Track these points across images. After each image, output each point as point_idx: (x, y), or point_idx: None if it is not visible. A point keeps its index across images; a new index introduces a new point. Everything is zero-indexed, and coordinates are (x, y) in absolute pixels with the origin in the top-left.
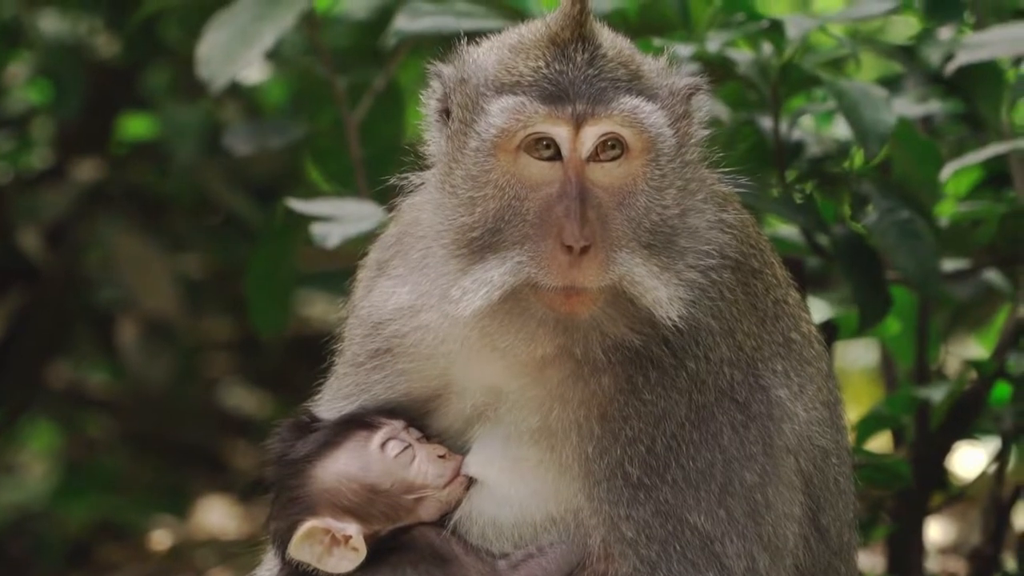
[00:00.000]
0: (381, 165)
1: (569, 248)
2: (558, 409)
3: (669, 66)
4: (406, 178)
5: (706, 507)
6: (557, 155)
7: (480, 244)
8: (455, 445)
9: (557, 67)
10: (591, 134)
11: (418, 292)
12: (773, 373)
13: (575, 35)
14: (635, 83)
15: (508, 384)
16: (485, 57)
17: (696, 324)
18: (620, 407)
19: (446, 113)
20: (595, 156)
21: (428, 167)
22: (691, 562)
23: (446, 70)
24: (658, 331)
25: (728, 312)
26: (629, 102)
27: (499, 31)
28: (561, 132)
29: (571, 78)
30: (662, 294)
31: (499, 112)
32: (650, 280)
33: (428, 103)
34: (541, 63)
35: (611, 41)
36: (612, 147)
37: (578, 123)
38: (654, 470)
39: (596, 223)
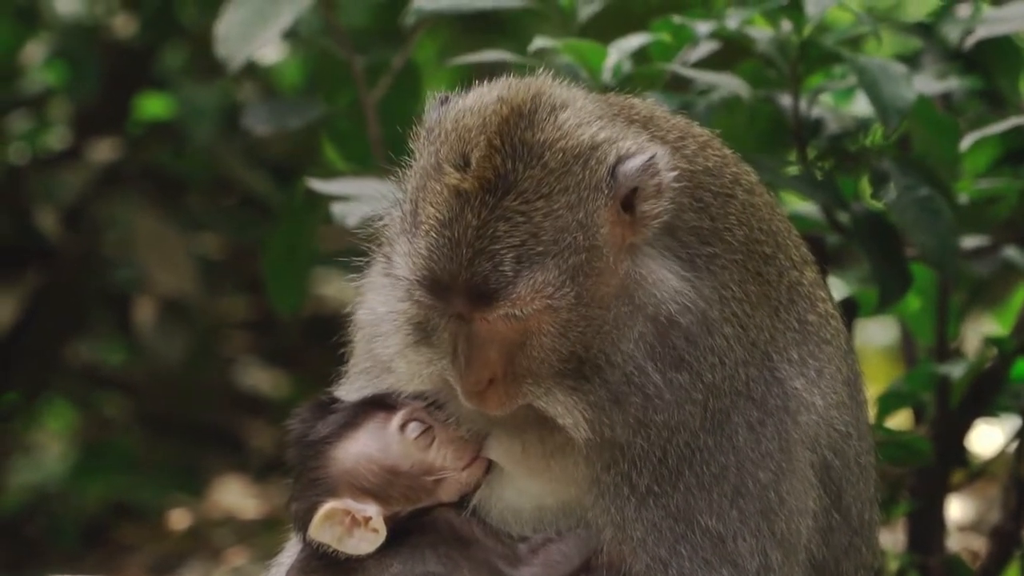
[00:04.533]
0: (399, 145)
1: None
2: (557, 434)
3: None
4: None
5: (718, 509)
6: None
7: (418, 330)
8: (476, 427)
9: (448, 234)
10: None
11: None
12: (789, 363)
13: (477, 188)
14: (528, 243)
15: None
16: (428, 153)
17: (711, 332)
18: (627, 427)
19: None
20: None
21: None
22: (703, 560)
23: (426, 128)
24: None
25: (740, 310)
26: (507, 300)
27: (518, 10)
28: None
29: (458, 259)
30: (568, 420)
31: (399, 264)
32: (554, 407)
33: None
34: (442, 213)
35: (527, 169)
36: None
37: (458, 316)
38: (665, 479)
39: (497, 361)
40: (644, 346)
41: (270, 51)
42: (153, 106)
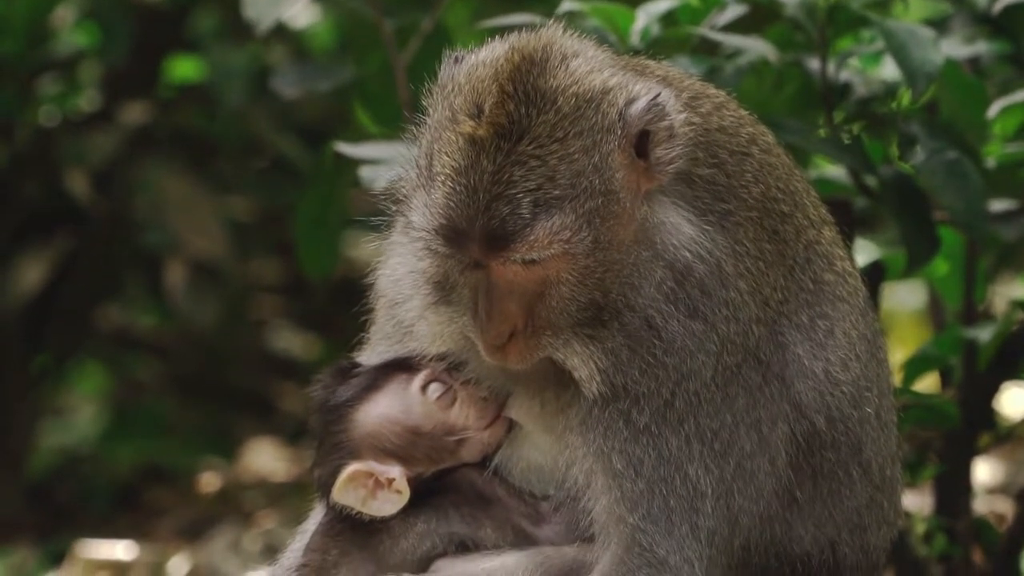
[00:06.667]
0: None
1: None
2: (573, 387)
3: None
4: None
5: (707, 463)
6: None
7: (438, 289)
8: (497, 385)
9: (464, 181)
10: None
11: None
12: (796, 328)
13: (491, 134)
14: (545, 187)
15: None
16: (442, 107)
17: (724, 285)
18: (634, 372)
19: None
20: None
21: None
22: (673, 507)
23: (439, 84)
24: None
25: (755, 267)
26: (524, 243)
27: None
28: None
29: (475, 205)
30: (584, 372)
31: (416, 218)
32: (571, 359)
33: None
34: (457, 162)
35: (540, 115)
36: None
37: (476, 264)
38: (668, 422)
39: (517, 313)
40: (665, 289)
41: (301, 14)
42: (184, 69)
